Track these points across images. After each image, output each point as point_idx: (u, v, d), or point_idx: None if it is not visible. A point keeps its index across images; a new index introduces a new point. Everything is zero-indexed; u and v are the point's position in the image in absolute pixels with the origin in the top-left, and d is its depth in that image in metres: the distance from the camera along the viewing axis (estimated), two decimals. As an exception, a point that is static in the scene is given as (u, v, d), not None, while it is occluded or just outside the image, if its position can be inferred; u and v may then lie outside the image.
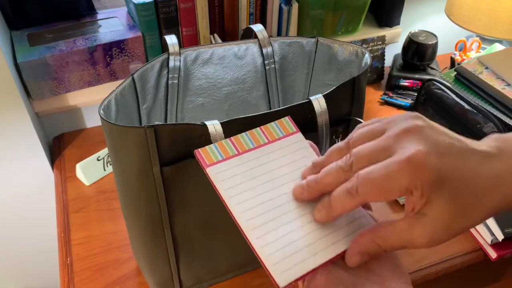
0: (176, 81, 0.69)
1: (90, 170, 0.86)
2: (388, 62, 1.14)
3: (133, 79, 0.63)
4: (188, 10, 0.91)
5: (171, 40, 0.67)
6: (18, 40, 0.87)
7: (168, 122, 0.71)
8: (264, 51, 0.72)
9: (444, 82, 0.90)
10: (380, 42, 1.09)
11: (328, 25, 1.05)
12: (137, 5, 0.88)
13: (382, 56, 1.11)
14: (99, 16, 0.96)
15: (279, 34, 1.02)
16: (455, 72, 0.92)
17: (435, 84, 0.92)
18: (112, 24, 0.94)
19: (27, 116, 0.82)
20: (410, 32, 1.06)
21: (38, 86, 0.86)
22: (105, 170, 0.88)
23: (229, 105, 0.74)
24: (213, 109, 0.73)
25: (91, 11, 0.97)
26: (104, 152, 0.89)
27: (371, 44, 1.09)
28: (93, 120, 1.00)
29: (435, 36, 1.04)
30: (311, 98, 0.55)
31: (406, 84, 1.09)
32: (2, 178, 0.90)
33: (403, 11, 1.11)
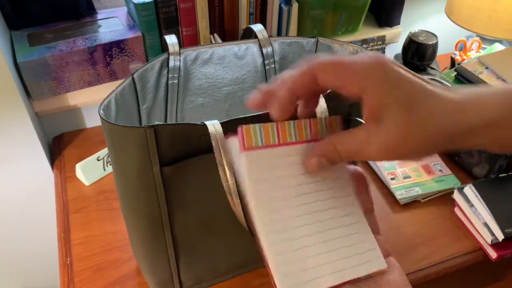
0: (176, 81, 0.69)
1: (90, 170, 0.86)
2: (388, 62, 1.14)
3: (133, 79, 0.63)
4: (188, 10, 0.91)
5: (171, 40, 0.67)
6: (18, 40, 0.87)
7: (168, 122, 0.71)
8: (264, 51, 0.72)
9: (444, 82, 0.90)
10: (380, 42, 1.09)
11: (328, 25, 1.05)
12: (137, 5, 0.88)
13: (382, 56, 1.11)
14: (99, 16, 0.96)
15: (279, 34, 1.02)
16: (455, 72, 0.92)
17: (435, 84, 0.92)
18: (112, 24, 0.94)
19: (27, 116, 0.82)
20: (410, 32, 1.06)
21: (38, 86, 0.86)
22: (105, 170, 0.88)
23: (229, 105, 0.74)
24: (213, 109, 0.73)
25: (91, 11, 0.97)
26: (104, 152, 0.89)
27: (371, 44, 1.09)
28: (93, 120, 1.00)
29: (435, 36, 1.04)
30: (311, 98, 0.55)
31: (406, 84, 1.09)
32: (2, 178, 0.90)
33: (403, 11, 1.11)
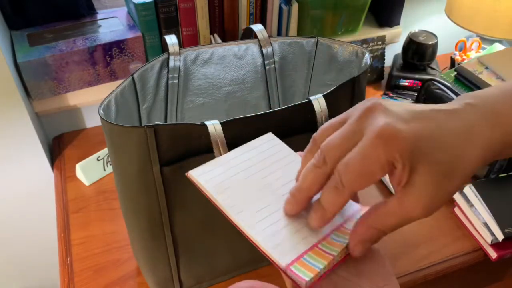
0: (176, 81, 0.69)
1: (90, 170, 0.86)
2: (388, 62, 1.14)
3: (133, 79, 0.63)
4: (188, 10, 0.91)
5: (171, 40, 0.67)
6: (18, 40, 0.87)
7: (168, 122, 0.71)
8: (264, 51, 0.72)
9: (444, 82, 0.89)
10: (380, 42, 1.09)
11: (328, 25, 1.05)
12: (137, 5, 0.88)
13: (382, 56, 1.11)
14: (99, 16, 0.96)
15: (279, 34, 1.02)
16: (455, 72, 0.92)
17: (435, 84, 0.92)
18: (112, 24, 0.94)
19: (27, 116, 0.82)
20: (410, 32, 1.05)
21: (38, 86, 0.86)
22: (105, 170, 0.88)
23: (229, 105, 0.74)
24: (213, 109, 0.73)
25: (91, 11, 0.97)
26: (104, 152, 0.89)
27: (371, 44, 1.09)
28: (93, 120, 1.00)
29: (435, 36, 1.04)
30: (311, 98, 0.55)
31: (406, 84, 1.09)
32: (1, 178, 0.90)
33: (403, 11, 1.11)
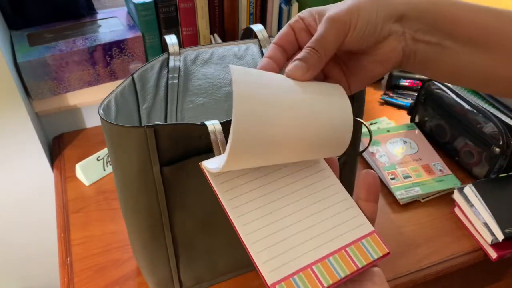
0: (176, 81, 0.69)
1: (90, 170, 0.86)
2: (388, 62, 1.14)
3: (133, 79, 0.63)
4: (188, 10, 0.91)
5: (171, 40, 0.67)
6: (18, 40, 0.87)
7: (168, 122, 0.71)
8: (264, 51, 0.72)
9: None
10: (380, 42, 1.09)
11: (328, 25, 1.05)
12: (137, 5, 0.88)
13: (382, 56, 1.11)
14: (99, 16, 0.96)
15: (279, 34, 1.02)
16: (455, 72, 0.92)
17: (435, 84, 0.92)
18: (112, 24, 0.94)
19: (27, 116, 0.82)
20: (410, 32, 1.05)
21: (38, 86, 0.86)
22: (105, 170, 0.88)
23: (229, 105, 0.74)
24: (213, 109, 0.73)
25: (91, 11, 0.97)
26: (104, 152, 0.89)
27: (371, 44, 1.08)
28: (93, 120, 1.00)
29: (435, 36, 1.04)
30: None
31: (406, 84, 1.09)
32: (1, 178, 0.90)
33: (403, 11, 1.11)
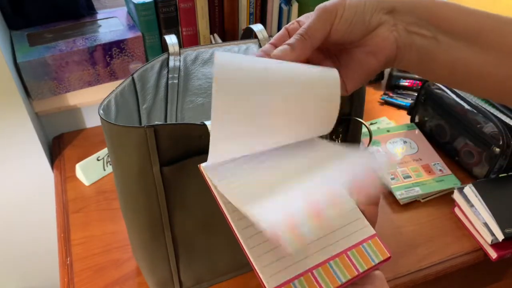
0: (176, 81, 0.69)
1: (90, 170, 0.86)
2: (388, 62, 1.14)
3: (133, 79, 0.63)
4: (188, 10, 0.91)
5: (171, 40, 0.67)
6: (18, 40, 0.87)
7: (168, 122, 0.71)
8: (264, 51, 0.72)
9: (444, 82, 0.89)
10: (380, 42, 1.09)
11: (328, 25, 1.05)
12: (137, 5, 0.88)
13: (382, 56, 1.11)
14: (99, 16, 0.96)
15: (279, 34, 1.02)
16: (455, 72, 0.92)
17: (435, 84, 0.92)
18: (112, 24, 0.94)
19: (27, 116, 0.82)
20: (410, 32, 1.05)
21: (38, 86, 0.86)
22: (105, 170, 0.88)
23: (229, 105, 0.74)
24: (213, 109, 0.73)
25: (91, 11, 0.97)
26: (104, 152, 0.89)
27: (371, 44, 1.08)
28: (93, 120, 1.00)
29: (435, 36, 1.04)
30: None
31: (406, 84, 1.09)
32: (1, 178, 0.90)
33: (403, 11, 1.11)
